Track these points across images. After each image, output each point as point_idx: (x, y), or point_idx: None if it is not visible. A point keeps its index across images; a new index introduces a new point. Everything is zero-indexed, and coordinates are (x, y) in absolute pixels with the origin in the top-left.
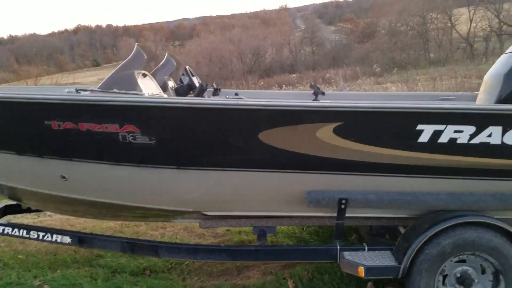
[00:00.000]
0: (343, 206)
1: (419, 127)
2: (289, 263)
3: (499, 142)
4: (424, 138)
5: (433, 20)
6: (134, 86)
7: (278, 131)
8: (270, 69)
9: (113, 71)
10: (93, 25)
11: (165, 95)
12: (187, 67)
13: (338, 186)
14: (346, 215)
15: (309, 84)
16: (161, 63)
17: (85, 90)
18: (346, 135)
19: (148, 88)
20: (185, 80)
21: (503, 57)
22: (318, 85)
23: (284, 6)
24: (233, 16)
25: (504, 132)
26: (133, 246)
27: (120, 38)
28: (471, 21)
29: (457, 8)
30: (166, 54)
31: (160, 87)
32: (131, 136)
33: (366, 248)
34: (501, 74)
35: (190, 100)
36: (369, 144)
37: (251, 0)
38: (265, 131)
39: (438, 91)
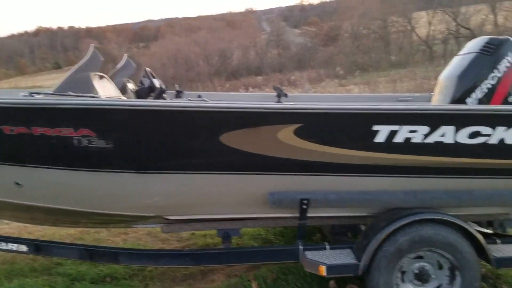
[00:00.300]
0: (304, 207)
1: (375, 127)
2: (254, 265)
3: (452, 141)
4: (380, 138)
5: (393, 23)
6: (89, 88)
7: (239, 133)
8: (237, 71)
9: (68, 73)
10: (54, 27)
11: (124, 98)
12: (147, 69)
13: (300, 187)
14: (308, 215)
15: (272, 86)
16: (119, 65)
17: (39, 94)
18: (306, 137)
19: (106, 91)
20: (146, 83)
21: (456, 59)
22: (281, 87)
23: (250, 9)
24: (198, 18)
25: (456, 131)
26: (91, 253)
27: (82, 40)
28: (430, 24)
29: (416, 11)
30: (125, 56)
31: (119, 89)
32: (87, 140)
33: (328, 247)
34: (454, 76)
35: (146, 102)
36: (329, 145)
37: (217, 3)
38: (227, 133)
39: (398, 92)
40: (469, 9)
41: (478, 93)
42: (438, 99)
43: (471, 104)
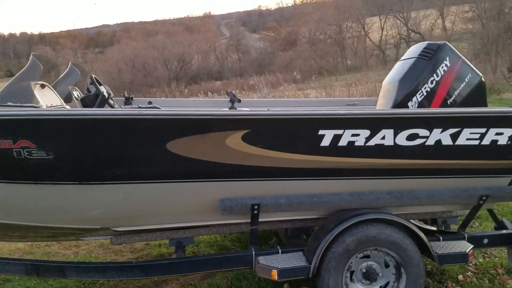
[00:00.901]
0: (255, 212)
1: (321, 132)
2: (209, 273)
3: (392, 144)
4: (325, 142)
5: (348, 29)
6: (30, 98)
7: (187, 140)
8: (198, 76)
9: (8, 83)
10: (5, 33)
11: (68, 107)
12: (93, 75)
13: (250, 192)
14: (261, 220)
15: (225, 92)
16: (63, 73)
17: None
18: (254, 142)
19: (48, 100)
20: (93, 90)
21: (398, 64)
22: (234, 93)
23: (208, 13)
24: (155, 22)
25: (395, 134)
26: (37, 268)
27: (35, 46)
28: (382, 29)
29: (369, 17)
30: (70, 63)
31: (64, 98)
32: (26, 151)
33: (280, 251)
34: (396, 80)
35: (86, 111)
36: (276, 150)
37: (174, 7)
38: (174, 141)
39: (352, 96)
40: (419, 14)
41: (418, 97)
42: (382, 103)
43: (412, 107)
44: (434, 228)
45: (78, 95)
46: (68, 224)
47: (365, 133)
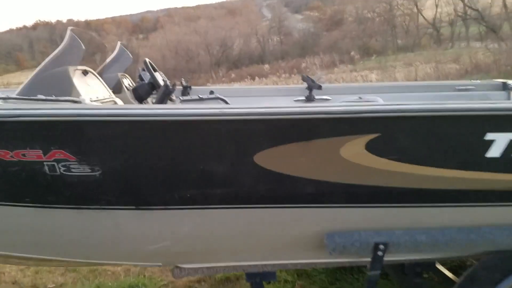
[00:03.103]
0: (380, 253)
1: (489, 136)
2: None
3: None
4: (495, 151)
5: (399, 6)
6: (68, 89)
7: (283, 150)
8: (239, 60)
9: (37, 68)
10: (53, 20)
11: (118, 100)
12: (147, 60)
13: (373, 225)
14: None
15: (301, 76)
16: (111, 56)
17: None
18: (384, 152)
19: (91, 91)
20: (146, 78)
21: None
22: (311, 77)
23: None
24: (198, 7)
25: None
26: None
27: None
28: (436, 6)
29: None
30: (118, 43)
31: (113, 88)
32: (63, 166)
33: None
34: None
35: (151, 109)
36: (417, 164)
37: None
38: (264, 151)
39: (420, 78)
40: None
41: None
42: None
43: None
44: None
45: (129, 84)
46: (120, 261)
47: None
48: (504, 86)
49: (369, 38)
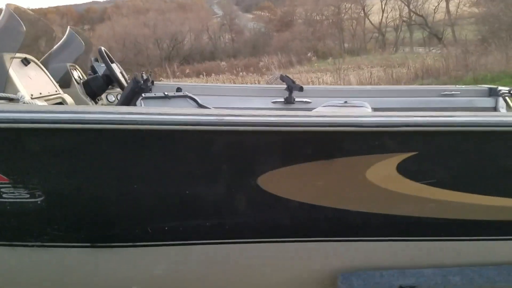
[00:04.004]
0: None
1: None
2: None
3: None
4: None
5: (347, 10)
6: (1, 82)
7: (294, 171)
8: (190, 55)
9: None
10: None
11: (67, 97)
12: (103, 48)
13: (397, 263)
14: None
15: (279, 75)
16: (59, 43)
17: None
18: (420, 175)
19: (33, 85)
20: (100, 69)
21: None
22: (289, 77)
23: None
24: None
25: None
26: None
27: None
28: (383, 11)
29: None
30: (68, 28)
31: (59, 81)
32: None
33: None
34: None
35: (115, 113)
36: (459, 190)
37: None
38: (270, 172)
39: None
40: None
41: None
42: None
43: None
44: None
45: (79, 77)
46: None
47: None
48: (491, 92)
49: (318, 41)
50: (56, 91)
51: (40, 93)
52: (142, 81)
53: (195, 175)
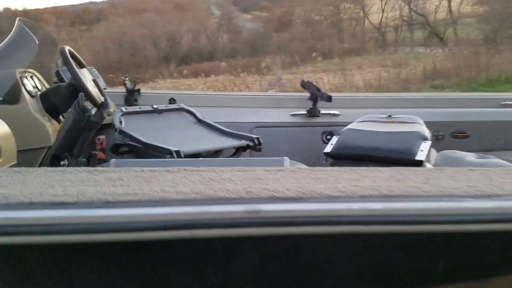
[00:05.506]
0: None
1: None
2: None
3: None
4: None
5: (346, 10)
6: None
7: None
8: (188, 56)
9: None
10: None
11: (4, 127)
12: (66, 47)
13: None
14: None
15: (300, 82)
16: (4, 41)
17: None
18: None
19: None
20: (66, 76)
21: None
22: (313, 83)
23: None
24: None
25: None
26: None
27: None
28: (383, 10)
29: None
30: (17, 20)
31: (3, 95)
32: None
33: None
34: None
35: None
36: None
37: None
38: None
39: (385, 83)
40: None
41: None
42: None
43: None
44: None
45: (35, 87)
46: None
47: None
48: None
49: (317, 41)
50: None
51: None
52: (97, 106)
53: None
